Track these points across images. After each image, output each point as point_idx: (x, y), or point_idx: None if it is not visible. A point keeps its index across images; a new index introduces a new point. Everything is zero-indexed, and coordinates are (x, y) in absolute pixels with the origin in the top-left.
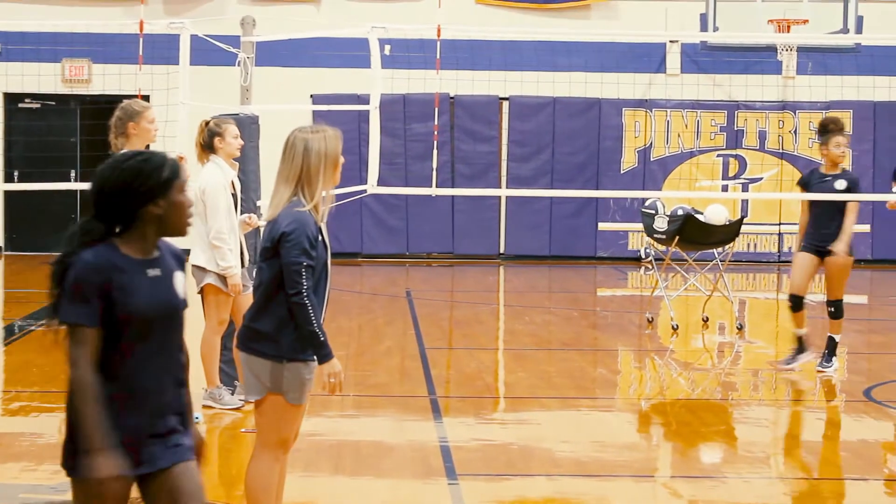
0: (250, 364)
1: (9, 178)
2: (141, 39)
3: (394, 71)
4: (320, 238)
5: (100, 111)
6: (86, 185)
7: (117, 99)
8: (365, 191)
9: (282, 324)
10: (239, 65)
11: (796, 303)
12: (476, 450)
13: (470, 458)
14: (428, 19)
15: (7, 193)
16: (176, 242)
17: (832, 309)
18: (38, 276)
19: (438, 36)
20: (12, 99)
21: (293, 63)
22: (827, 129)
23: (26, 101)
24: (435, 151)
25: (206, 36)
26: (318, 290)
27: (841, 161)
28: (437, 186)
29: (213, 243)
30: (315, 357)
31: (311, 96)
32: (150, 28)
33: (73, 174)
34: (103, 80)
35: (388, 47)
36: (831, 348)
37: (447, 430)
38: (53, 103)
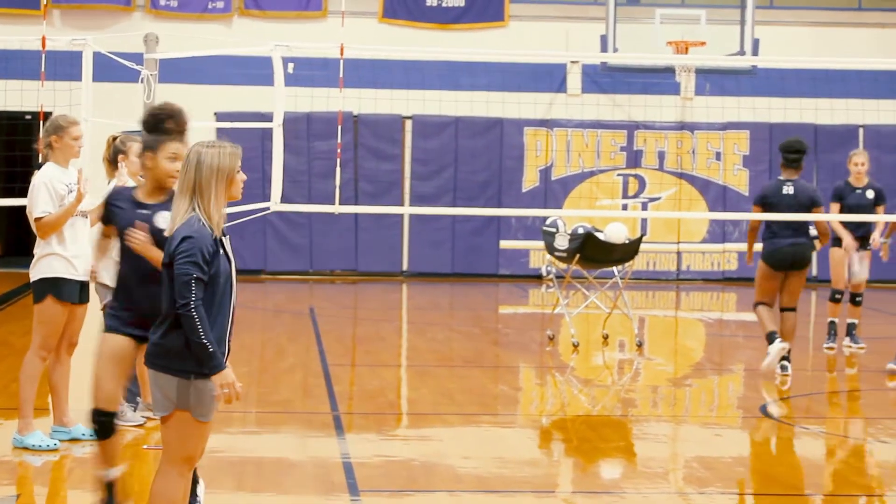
0: (157, 380)
1: None
2: (43, 56)
3: (298, 89)
4: (222, 251)
5: (4, 127)
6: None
7: (19, 115)
8: (268, 208)
9: (188, 342)
10: (142, 81)
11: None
12: (378, 466)
13: (372, 474)
14: (333, 38)
15: None
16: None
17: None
18: None
19: (342, 55)
20: None
21: (199, 80)
22: None
23: None
24: (338, 169)
25: (109, 53)
26: (223, 303)
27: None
28: (340, 204)
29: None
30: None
31: (216, 114)
32: (52, 44)
33: None
34: (5, 95)
35: (291, 65)
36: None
37: (350, 447)
38: None
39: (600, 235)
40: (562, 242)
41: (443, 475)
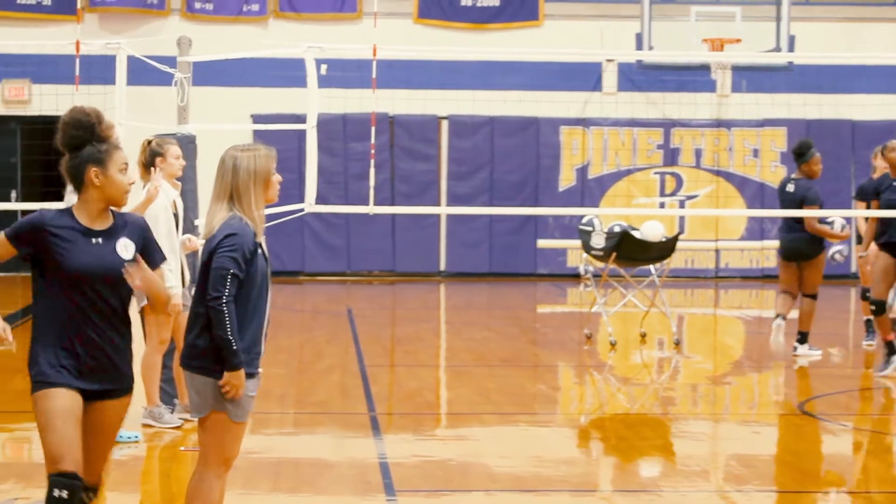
0: (193, 382)
1: None
2: (77, 60)
3: (333, 90)
4: (259, 251)
5: (40, 132)
6: (27, 206)
7: (57, 119)
8: (303, 209)
9: None
10: (176, 84)
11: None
12: (415, 466)
13: (408, 474)
14: (368, 39)
15: None
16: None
17: None
18: None
19: (374, 55)
20: None
21: (235, 83)
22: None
23: None
24: (372, 170)
25: (143, 56)
26: (259, 304)
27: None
28: (376, 205)
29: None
30: (256, 371)
31: (252, 116)
32: (86, 48)
33: (13, 194)
34: (42, 100)
35: (324, 67)
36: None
37: (386, 447)
38: None
39: (636, 234)
40: (598, 241)
41: (479, 475)
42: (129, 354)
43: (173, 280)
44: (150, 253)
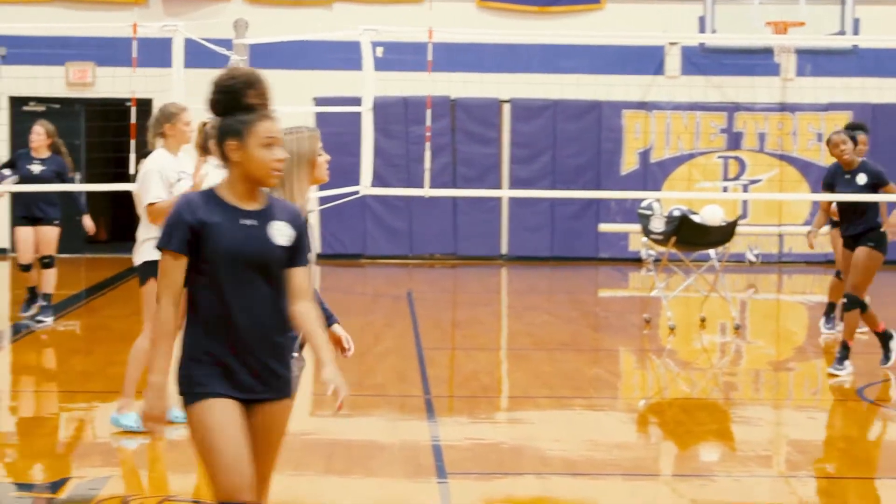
0: None
1: None
2: (135, 42)
3: (395, 73)
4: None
5: (104, 113)
6: (91, 187)
7: (121, 102)
8: (358, 191)
9: None
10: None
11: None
12: (467, 449)
13: (461, 456)
14: (432, 22)
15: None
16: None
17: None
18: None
19: (430, 38)
20: (17, 102)
21: (298, 66)
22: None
23: (31, 104)
24: (427, 153)
25: (200, 39)
26: None
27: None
28: (439, 188)
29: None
30: (300, 352)
31: (315, 99)
32: (143, 31)
33: (77, 176)
34: (107, 82)
35: (380, 49)
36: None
37: (440, 430)
38: (58, 106)
39: (696, 218)
40: (657, 225)
41: (531, 458)
42: (287, 353)
43: None
44: (300, 248)
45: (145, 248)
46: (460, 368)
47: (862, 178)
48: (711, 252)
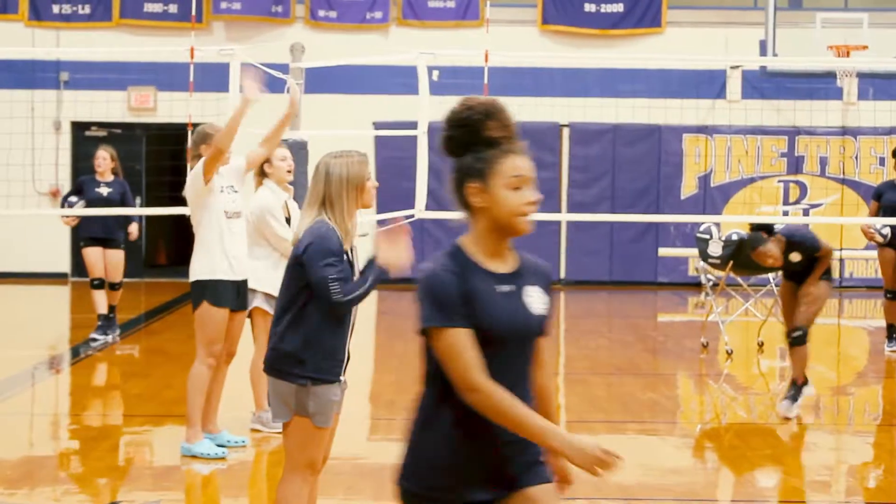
0: (276, 387)
1: None
2: (192, 66)
3: (453, 97)
4: (345, 259)
5: (164, 138)
6: (151, 211)
7: (181, 126)
8: (413, 215)
9: (307, 343)
10: (287, 91)
11: None
12: None
13: None
14: (491, 46)
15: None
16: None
17: None
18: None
19: (486, 61)
20: (80, 127)
21: (358, 90)
22: None
23: (93, 129)
24: None
25: (257, 63)
26: (342, 316)
27: None
28: None
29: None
30: (339, 379)
31: (374, 123)
32: (200, 55)
33: (138, 200)
34: (168, 106)
35: (436, 73)
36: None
37: None
38: (119, 131)
39: None
40: (715, 249)
41: (583, 483)
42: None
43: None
44: (551, 314)
45: (200, 265)
46: None
47: None
48: (769, 276)
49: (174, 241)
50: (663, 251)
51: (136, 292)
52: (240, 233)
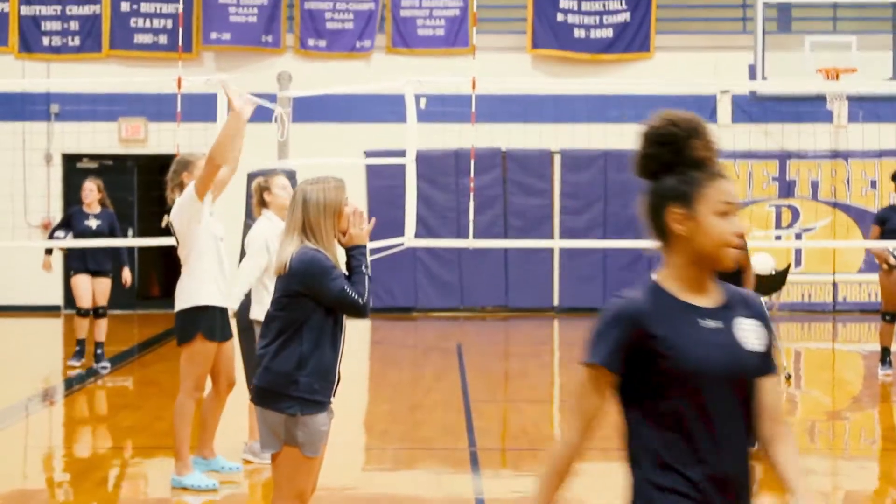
0: (265, 417)
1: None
2: (179, 97)
3: (444, 125)
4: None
5: (156, 168)
6: (144, 242)
7: (173, 157)
8: (402, 244)
9: (301, 364)
10: (275, 120)
11: None
12: (511, 502)
13: None
14: (484, 72)
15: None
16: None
17: None
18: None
19: (473, 88)
20: (70, 159)
21: (347, 118)
22: None
23: (84, 160)
24: (472, 204)
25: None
26: (334, 330)
27: None
28: (490, 239)
29: None
30: (328, 403)
31: (365, 152)
32: (188, 85)
33: (130, 232)
34: (158, 137)
35: (423, 101)
36: None
37: (484, 484)
38: (111, 162)
39: None
40: None
41: None
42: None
43: None
44: (771, 351)
45: (187, 292)
46: (507, 421)
47: None
48: (763, 299)
49: (166, 272)
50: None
51: (129, 324)
52: (227, 259)
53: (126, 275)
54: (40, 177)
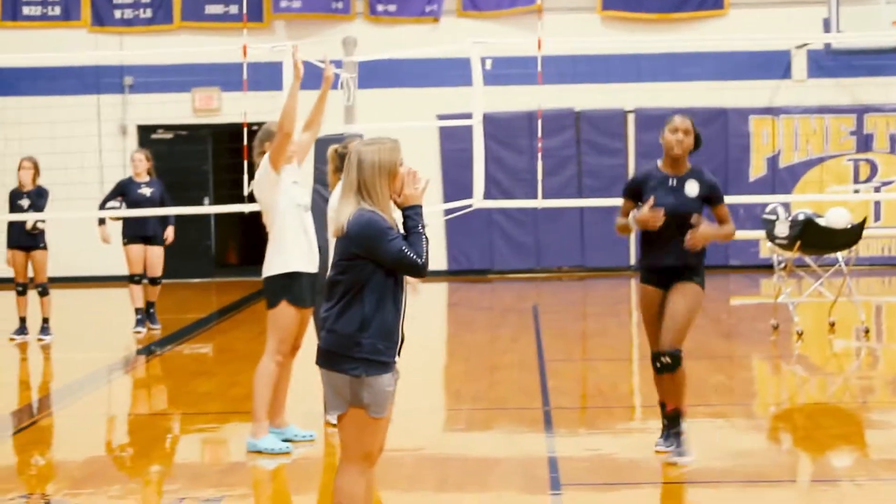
0: (330, 380)
1: None
2: (245, 65)
3: (519, 88)
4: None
5: (230, 137)
6: (219, 209)
7: (249, 126)
8: (471, 205)
9: (364, 325)
10: (341, 86)
11: None
12: (584, 460)
13: (577, 468)
14: (554, 33)
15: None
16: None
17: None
18: (171, 301)
19: (539, 49)
20: (146, 130)
21: (421, 83)
22: None
23: (159, 131)
24: (539, 163)
25: (313, 60)
26: (395, 290)
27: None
28: (566, 199)
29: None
30: (393, 363)
31: (438, 115)
32: (253, 53)
33: (206, 200)
34: (232, 106)
35: (489, 62)
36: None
37: (556, 442)
38: (185, 133)
39: (821, 221)
40: (782, 229)
41: (648, 468)
42: None
43: None
44: None
45: (276, 260)
46: (581, 380)
47: None
48: (839, 255)
49: (244, 240)
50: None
51: (207, 292)
52: (312, 226)
53: (169, 232)
54: (116, 147)
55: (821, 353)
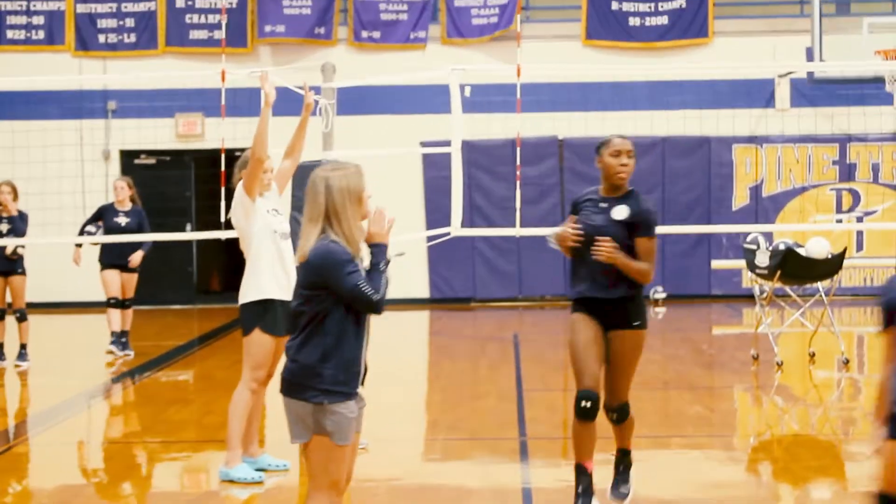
0: (293, 408)
1: None
2: (223, 90)
3: (504, 115)
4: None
5: (213, 163)
6: (199, 236)
7: (229, 151)
8: (449, 233)
9: (325, 356)
10: (319, 112)
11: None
12: (558, 491)
13: (551, 500)
14: (536, 60)
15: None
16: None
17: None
18: (152, 328)
19: (518, 76)
20: (129, 155)
21: (404, 110)
22: None
23: (142, 156)
24: (518, 192)
25: (292, 86)
26: (359, 330)
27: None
28: (545, 227)
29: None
30: (355, 391)
31: (421, 142)
32: (231, 79)
33: (188, 226)
34: (215, 132)
35: (468, 89)
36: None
37: (531, 473)
38: (168, 158)
39: (801, 251)
40: (762, 259)
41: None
42: None
43: None
44: None
45: (251, 286)
46: (559, 409)
47: None
48: (819, 285)
49: (226, 267)
50: (716, 263)
51: (189, 318)
52: (291, 253)
53: (136, 257)
54: (99, 173)
55: (801, 383)
